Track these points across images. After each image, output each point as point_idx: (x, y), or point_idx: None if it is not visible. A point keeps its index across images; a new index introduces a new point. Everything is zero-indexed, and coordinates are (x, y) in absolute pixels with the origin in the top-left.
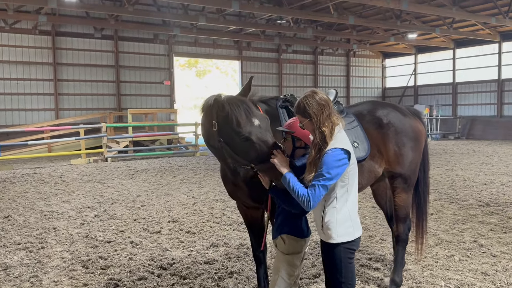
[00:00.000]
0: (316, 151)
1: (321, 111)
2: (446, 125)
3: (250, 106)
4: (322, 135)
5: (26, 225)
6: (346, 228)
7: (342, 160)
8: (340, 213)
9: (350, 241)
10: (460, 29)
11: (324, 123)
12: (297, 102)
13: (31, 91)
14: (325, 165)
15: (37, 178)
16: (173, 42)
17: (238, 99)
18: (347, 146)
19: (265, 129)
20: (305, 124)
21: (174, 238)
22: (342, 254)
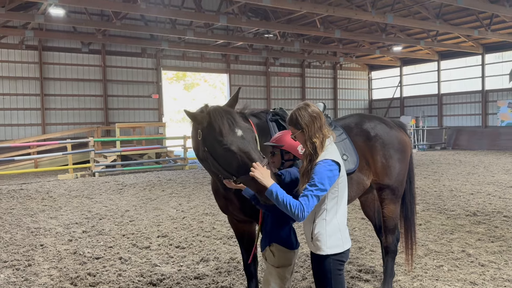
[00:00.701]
0: (308, 162)
1: (313, 123)
2: (432, 136)
3: (235, 116)
4: (313, 146)
5: (12, 243)
6: (335, 240)
7: (333, 171)
8: (330, 225)
9: (339, 253)
10: (444, 41)
11: (315, 135)
12: (290, 113)
13: (18, 106)
14: (317, 176)
15: (23, 194)
16: (161, 56)
17: (223, 109)
18: (337, 158)
19: (248, 140)
20: (297, 136)
21: (164, 253)
22: (332, 265)
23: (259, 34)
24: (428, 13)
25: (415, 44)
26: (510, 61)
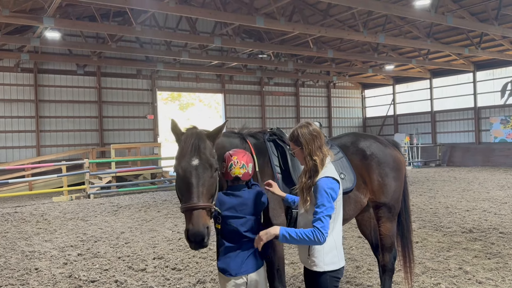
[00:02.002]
0: (307, 178)
1: (313, 141)
2: (426, 153)
3: (201, 143)
4: (313, 163)
5: (7, 267)
6: (332, 257)
7: (334, 189)
8: (327, 242)
9: (336, 269)
10: (436, 59)
11: (316, 153)
12: (292, 130)
13: (13, 128)
14: (322, 196)
15: (18, 217)
16: (156, 77)
17: (196, 133)
18: (336, 176)
19: (198, 173)
20: (296, 152)
21: (160, 276)
22: (329, 282)
23: (253, 55)
24: (419, 32)
25: (407, 62)
26: (501, 78)
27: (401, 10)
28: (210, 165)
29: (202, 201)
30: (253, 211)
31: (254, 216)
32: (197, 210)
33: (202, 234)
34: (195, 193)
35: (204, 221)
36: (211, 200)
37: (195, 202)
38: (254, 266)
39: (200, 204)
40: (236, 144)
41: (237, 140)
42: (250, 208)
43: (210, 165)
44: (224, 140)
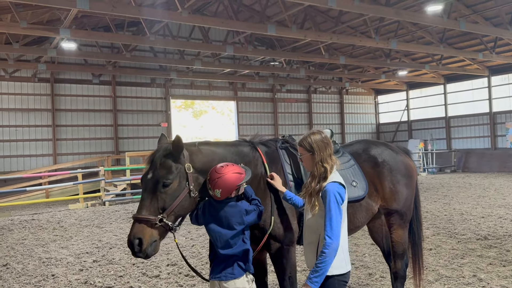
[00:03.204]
0: (316, 183)
1: (325, 149)
2: (441, 159)
3: (158, 159)
4: (324, 169)
5: (24, 273)
6: (339, 261)
7: (341, 194)
8: None
9: (343, 273)
10: (449, 64)
11: (327, 160)
12: (304, 136)
13: (30, 137)
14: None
15: (35, 224)
16: (170, 85)
17: (158, 149)
18: (343, 182)
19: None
20: (305, 157)
21: (173, 282)
22: (337, 285)
23: (265, 62)
24: (432, 38)
25: (420, 68)
26: None
27: (413, 16)
28: (164, 180)
29: (148, 213)
30: (231, 225)
31: (230, 230)
32: (137, 221)
33: (131, 245)
34: (142, 205)
35: (136, 232)
36: (167, 212)
37: (138, 213)
38: (229, 276)
39: (141, 216)
40: (244, 153)
41: (247, 149)
42: (227, 223)
43: (164, 180)
44: (227, 150)
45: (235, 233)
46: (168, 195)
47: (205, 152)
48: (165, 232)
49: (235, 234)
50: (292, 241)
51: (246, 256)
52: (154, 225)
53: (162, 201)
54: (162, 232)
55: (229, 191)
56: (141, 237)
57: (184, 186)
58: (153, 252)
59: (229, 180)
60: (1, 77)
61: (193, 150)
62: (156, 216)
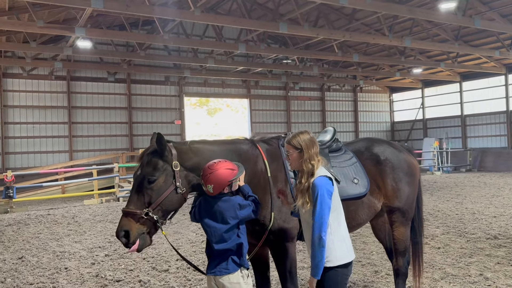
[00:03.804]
0: (306, 179)
1: (312, 147)
2: (456, 158)
3: (146, 157)
4: (311, 166)
5: (39, 266)
6: (342, 251)
7: (329, 185)
8: (335, 237)
9: (346, 264)
10: (465, 62)
11: (314, 157)
12: (293, 135)
13: (47, 134)
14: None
15: (50, 219)
16: (184, 83)
17: (148, 148)
18: (329, 175)
19: (135, 183)
20: (293, 155)
21: (182, 277)
22: (339, 278)
23: (278, 60)
24: (447, 35)
25: (435, 66)
26: None
27: (426, 14)
28: (149, 176)
29: (134, 207)
30: (225, 220)
31: (223, 224)
32: (125, 214)
33: (118, 236)
34: (131, 200)
35: (123, 225)
36: (152, 207)
37: (126, 207)
38: (223, 271)
39: (128, 210)
40: (243, 150)
41: (246, 147)
42: (221, 217)
43: (149, 176)
44: (223, 148)
45: (229, 228)
46: (154, 191)
47: (197, 151)
48: (153, 226)
49: (229, 228)
50: (292, 237)
51: (241, 251)
52: (140, 219)
53: (148, 196)
54: (149, 226)
55: (221, 186)
56: (127, 229)
57: (170, 183)
58: (144, 245)
59: (221, 175)
60: (19, 75)
61: (183, 149)
62: (142, 210)
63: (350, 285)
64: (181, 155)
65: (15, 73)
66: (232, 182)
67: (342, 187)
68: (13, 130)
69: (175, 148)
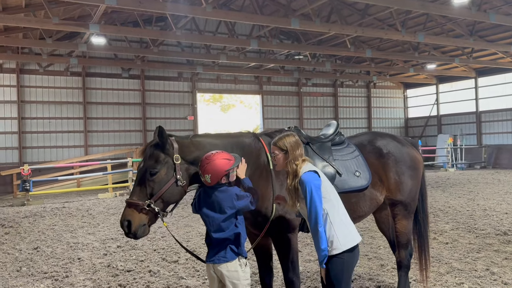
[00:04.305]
0: (291, 179)
1: (297, 149)
2: (471, 155)
3: (148, 151)
4: (296, 166)
5: (53, 256)
6: (345, 236)
7: (315, 178)
8: (336, 225)
9: (352, 248)
10: (480, 58)
11: (298, 158)
12: (279, 137)
13: (62, 129)
14: (308, 190)
15: (65, 212)
16: (196, 79)
17: (150, 142)
18: (314, 168)
19: (139, 176)
20: (279, 156)
21: (190, 267)
22: (345, 265)
23: (290, 56)
24: (462, 30)
25: (450, 62)
26: None
27: (439, 9)
28: (151, 169)
29: (137, 198)
30: (222, 209)
31: (221, 214)
32: (128, 205)
33: (122, 225)
34: (134, 191)
35: (126, 215)
36: (154, 198)
37: (130, 198)
38: (221, 259)
39: (131, 201)
40: (245, 143)
41: (248, 140)
42: (219, 207)
43: (151, 169)
44: (225, 142)
45: (227, 217)
46: (155, 183)
47: (198, 144)
48: (154, 217)
49: (226, 217)
50: (293, 227)
51: (239, 240)
52: (142, 210)
53: (150, 188)
54: (151, 217)
55: (217, 176)
56: (130, 219)
57: (171, 176)
58: (142, 234)
59: (218, 165)
60: (36, 71)
61: (185, 143)
62: (144, 201)
63: (356, 277)
64: (182, 148)
65: (31, 69)
66: (229, 172)
67: (344, 180)
68: (30, 125)
69: (176, 142)
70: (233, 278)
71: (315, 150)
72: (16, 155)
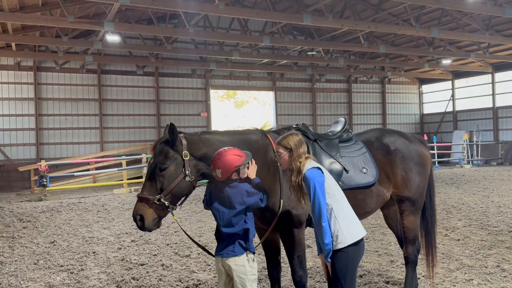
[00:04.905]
0: (295, 176)
1: (300, 147)
2: (487, 151)
3: (159, 147)
4: (299, 164)
5: (69, 249)
6: (350, 230)
7: (318, 174)
8: (340, 220)
9: (356, 242)
10: (497, 53)
11: (301, 156)
12: (283, 137)
13: (79, 125)
14: (312, 187)
15: (81, 207)
16: (210, 76)
17: (160, 138)
18: (316, 165)
19: (148, 170)
20: (283, 154)
21: (202, 262)
22: (350, 260)
23: (303, 52)
24: (478, 25)
25: (465, 57)
26: None
27: (453, 4)
28: (161, 165)
29: (148, 193)
30: (232, 205)
31: (231, 209)
32: (139, 199)
33: (135, 219)
34: (145, 186)
35: (138, 210)
36: (164, 193)
37: (141, 193)
38: (230, 253)
39: (142, 195)
40: (252, 140)
41: (256, 137)
42: (229, 202)
43: (160, 165)
44: (233, 138)
45: (236, 212)
46: (165, 178)
47: (207, 141)
48: (164, 211)
49: (236, 213)
50: (300, 223)
51: (247, 236)
52: (153, 204)
53: (160, 183)
54: (161, 210)
55: (228, 171)
56: (142, 213)
57: (180, 171)
58: (154, 227)
59: (229, 161)
60: (52, 69)
61: (193, 140)
62: (154, 196)
63: (365, 273)
64: (191, 145)
65: (48, 67)
66: (240, 168)
67: (351, 176)
68: (47, 122)
69: (185, 139)
70: (240, 273)
71: (323, 147)
72: (34, 151)
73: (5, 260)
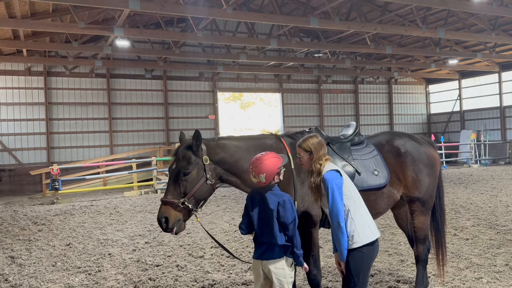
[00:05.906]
0: (315, 178)
1: (320, 149)
2: (495, 150)
3: (180, 153)
4: (319, 166)
5: (85, 252)
6: (365, 231)
7: (337, 176)
8: (357, 221)
9: (371, 242)
10: (504, 52)
11: (322, 158)
12: (303, 139)
13: (88, 129)
14: (331, 187)
15: (94, 209)
16: (217, 78)
17: (181, 144)
18: (335, 168)
19: (170, 176)
20: (304, 157)
21: (216, 262)
22: (364, 259)
23: (310, 54)
24: (484, 25)
25: (472, 56)
26: None
27: (459, 5)
28: (184, 170)
29: (171, 197)
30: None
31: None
32: (164, 203)
33: (160, 222)
34: (168, 190)
35: (163, 213)
36: (188, 197)
37: (165, 197)
38: (269, 256)
39: (166, 199)
40: (267, 145)
41: (270, 141)
42: (266, 209)
43: (184, 170)
44: (248, 143)
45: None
46: (188, 182)
47: (223, 146)
48: (187, 213)
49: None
50: (314, 223)
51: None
52: (177, 207)
53: (183, 187)
54: (185, 213)
55: (272, 174)
56: (167, 216)
57: (201, 175)
58: (179, 229)
59: (271, 163)
60: (62, 74)
61: (211, 145)
62: (178, 199)
63: (376, 272)
64: (209, 150)
65: (58, 72)
66: (280, 170)
67: (363, 178)
68: (58, 126)
69: (204, 144)
70: (280, 275)
71: (335, 150)
72: (45, 155)
73: (23, 262)
